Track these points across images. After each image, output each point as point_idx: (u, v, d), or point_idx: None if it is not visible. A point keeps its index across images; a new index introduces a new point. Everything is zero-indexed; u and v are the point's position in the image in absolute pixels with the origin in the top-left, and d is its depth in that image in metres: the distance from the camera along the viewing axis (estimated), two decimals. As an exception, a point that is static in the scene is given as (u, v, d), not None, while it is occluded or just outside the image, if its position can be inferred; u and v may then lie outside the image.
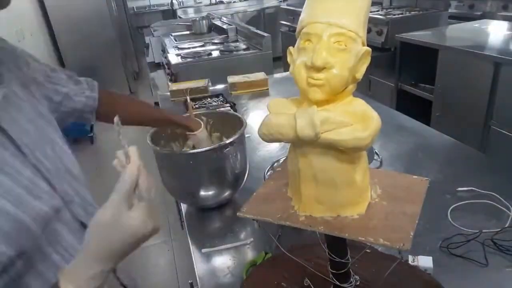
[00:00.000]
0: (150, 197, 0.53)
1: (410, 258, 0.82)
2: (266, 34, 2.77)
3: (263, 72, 2.13)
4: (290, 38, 4.53)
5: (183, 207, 1.16)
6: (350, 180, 0.55)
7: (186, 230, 1.06)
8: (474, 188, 1.06)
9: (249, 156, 1.14)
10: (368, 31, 2.60)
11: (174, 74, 2.65)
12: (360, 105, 0.53)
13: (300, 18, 0.55)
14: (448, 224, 0.95)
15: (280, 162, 0.65)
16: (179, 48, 3.14)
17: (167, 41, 3.54)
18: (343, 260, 0.62)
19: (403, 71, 2.85)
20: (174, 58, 2.83)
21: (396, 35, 2.81)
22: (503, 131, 2.12)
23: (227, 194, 1.07)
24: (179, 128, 1.10)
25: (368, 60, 0.54)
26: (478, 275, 0.81)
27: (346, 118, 0.51)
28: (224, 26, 3.46)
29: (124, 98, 1.10)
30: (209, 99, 1.90)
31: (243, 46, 2.93)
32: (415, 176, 0.65)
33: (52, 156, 0.65)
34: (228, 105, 1.81)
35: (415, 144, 1.38)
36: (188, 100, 1.18)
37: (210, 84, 2.12)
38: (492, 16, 3.09)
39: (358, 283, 0.68)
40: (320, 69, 0.50)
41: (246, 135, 1.14)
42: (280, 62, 4.51)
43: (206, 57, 2.78)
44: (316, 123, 0.50)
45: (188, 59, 2.74)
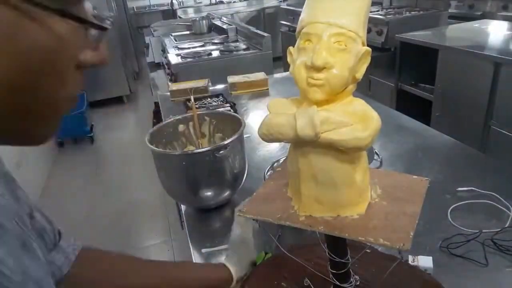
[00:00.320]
0: None
1: (410, 258, 0.82)
2: (266, 34, 2.77)
3: (263, 72, 2.12)
4: (290, 38, 4.53)
5: (183, 207, 1.15)
6: (350, 180, 0.55)
7: (186, 230, 1.06)
8: (474, 188, 1.06)
9: (249, 156, 1.14)
10: (368, 31, 2.60)
11: (174, 74, 2.64)
12: (360, 105, 0.53)
13: (300, 18, 0.55)
14: (448, 224, 0.95)
15: (280, 162, 0.64)
16: (179, 48, 3.14)
17: (167, 41, 3.54)
18: (343, 260, 0.62)
19: (403, 71, 2.85)
20: (174, 58, 2.83)
21: (396, 35, 2.81)
22: (503, 131, 2.12)
23: (226, 194, 1.07)
24: None
25: (368, 60, 0.54)
26: (478, 275, 0.81)
27: (346, 118, 0.51)
28: (224, 26, 3.46)
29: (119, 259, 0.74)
30: (209, 99, 1.90)
31: (243, 46, 2.93)
32: (415, 176, 0.65)
33: None
34: (228, 105, 1.80)
35: (415, 144, 1.38)
36: (192, 100, 1.16)
37: (210, 84, 2.11)
38: (492, 16, 3.09)
39: (358, 283, 0.68)
40: (320, 69, 0.50)
41: (246, 135, 1.14)
42: (280, 62, 4.50)
43: (206, 57, 2.77)
44: (316, 123, 0.50)
45: (188, 59, 2.74)
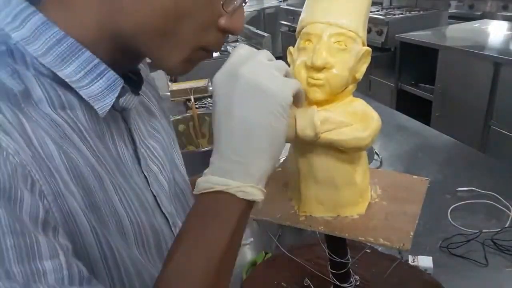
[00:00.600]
0: None
1: (410, 258, 0.82)
2: (266, 34, 2.77)
3: (263, 72, 2.12)
4: (290, 38, 4.53)
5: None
6: (350, 180, 0.55)
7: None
8: (474, 188, 1.06)
9: (249, 156, 1.13)
10: (368, 31, 2.59)
11: (174, 74, 2.64)
12: (360, 105, 0.53)
13: (300, 18, 0.55)
14: (448, 224, 0.95)
15: (280, 162, 0.64)
16: (179, 48, 3.14)
17: (167, 41, 3.53)
18: (343, 260, 0.62)
19: (403, 71, 2.85)
20: (174, 58, 2.82)
21: (396, 35, 2.81)
22: (503, 131, 2.12)
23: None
24: None
25: (368, 60, 0.54)
26: (478, 275, 0.81)
27: (346, 118, 0.51)
28: (224, 26, 3.46)
29: None
30: (209, 99, 1.90)
31: (243, 46, 2.93)
32: (415, 176, 0.65)
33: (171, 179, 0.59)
34: (228, 105, 1.80)
35: (415, 144, 1.38)
36: (192, 100, 1.17)
37: (210, 84, 2.11)
38: (492, 16, 3.09)
39: (358, 283, 0.68)
40: (320, 69, 0.50)
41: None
42: (280, 62, 4.50)
43: (206, 57, 2.77)
44: (316, 123, 0.50)
45: (188, 59, 2.74)
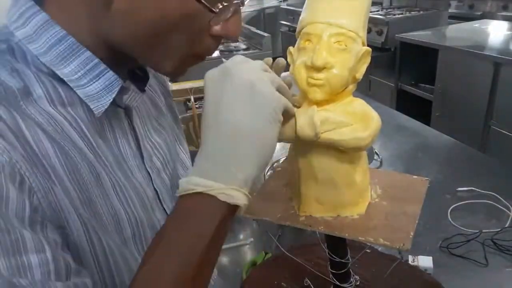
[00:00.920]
0: None
1: (410, 258, 0.82)
2: (266, 34, 2.77)
3: (263, 72, 2.12)
4: (290, 38, 4.53)
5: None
6: (350, 180, 0.55)
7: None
8: (474, 188, 1.06)
9: (249, 156, 1.13)
10: (368, 31, 2.59)
11: (174, 74, 2.64)
12: (360, 105, 0.53)
13: (300, 18, 0.55)
14: (448, 224, 0.95)
15: (280, 162, 0.64)
16: (179, 48, 3.14)
17: (167, 41, 3.53)
18: (343, 260, 0.62)
19: (403, 71, 2.85)
20: (174, 58, 2.82)
21: (396, 35, 2.81)
22: (503, 131, 2.12)
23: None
24: None
25: (368, 60, 0.54)
26: (478, 275, 0.81)
27: (346, 118, 0.51)
28: (224, 26, 3.46)
29: None
30: (209, 99, 1.89)
31: (243, 46, 2.92)
32: (415, 176, 0.65)
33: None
34: (228, 105, 1.80)
35: (415, 144, 1.38)
36: (192, 100, 1.17)
37: (210, 84, 2.11)
38: (492, 16, 3.09)
39: (358, 283, 0.68)
40: (320, 69, 0.50)
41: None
42: (280, 62, 4.50)
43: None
44: (316, 123, 0.50)
45: (188, 59, 2.74)
